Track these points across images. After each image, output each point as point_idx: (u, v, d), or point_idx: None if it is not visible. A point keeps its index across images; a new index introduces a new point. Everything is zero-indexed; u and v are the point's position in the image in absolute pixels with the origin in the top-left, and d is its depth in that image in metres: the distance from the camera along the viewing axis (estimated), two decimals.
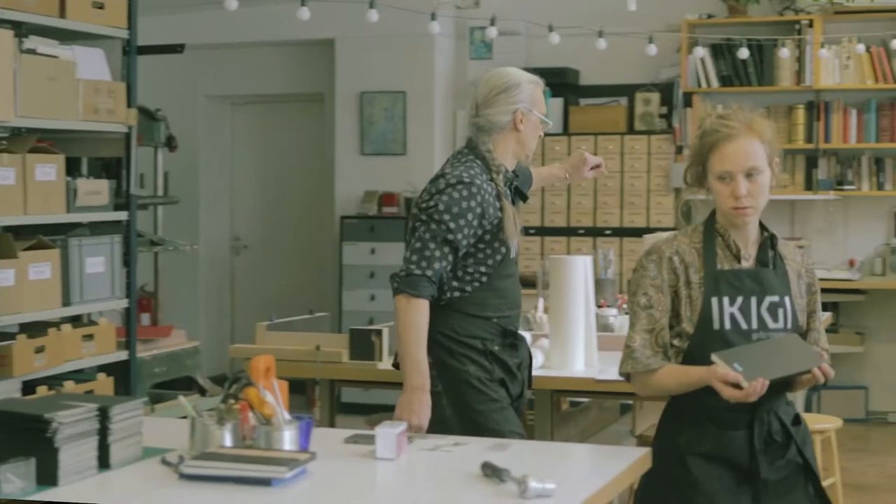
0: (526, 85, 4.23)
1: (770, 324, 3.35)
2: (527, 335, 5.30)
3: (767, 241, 3.42)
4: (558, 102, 9.55)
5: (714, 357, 3.20)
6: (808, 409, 8.58)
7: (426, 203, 4.05)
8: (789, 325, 3.36)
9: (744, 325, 3.34)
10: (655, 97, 9.42)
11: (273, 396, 3.20)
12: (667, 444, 3.39)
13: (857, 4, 8.90)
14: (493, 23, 7.59)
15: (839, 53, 8.99)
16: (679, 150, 9.24)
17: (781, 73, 9.11)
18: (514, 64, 9.89)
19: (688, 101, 9.28)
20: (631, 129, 9.44)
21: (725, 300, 3.34)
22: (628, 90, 9.52)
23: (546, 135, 9.87)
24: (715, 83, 9.22)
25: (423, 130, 9.88)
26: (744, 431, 3.33)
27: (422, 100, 9.88)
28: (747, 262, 3.40)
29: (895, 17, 8.86)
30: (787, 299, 3.37)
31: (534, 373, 4.73)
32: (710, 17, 9.27)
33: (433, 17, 7.34)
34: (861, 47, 8.89)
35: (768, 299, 3.35)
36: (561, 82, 9.55)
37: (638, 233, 8.50)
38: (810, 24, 9.01)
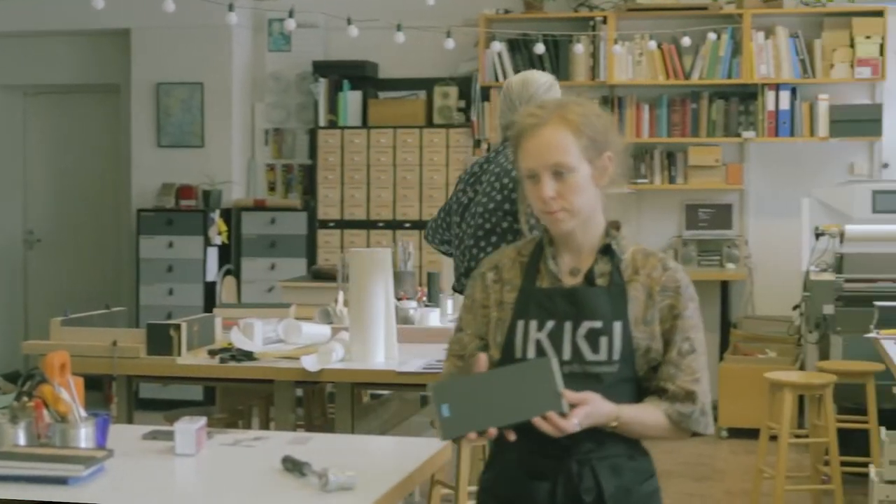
0: (556, 84, 4.78)
1: (588, 355, 2.76)
2: (327, 329, 5.32)
3: (601, 253, 2.84)
4: (357, 95, 9.56)
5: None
6: None
7: None
8: (616, 357, 2.76)
9: (551, 356, 2.72)
10: (454, 91, 9.51)
11: (68, 393, 3.15)
12: (482, 477, 2.94)
13: (649, 2, 9.12)
14: (291, 15, 7.55)
15: (632, 50, 9.19)
16: (477, 143, 9.34)
17: (576, 68, 9.27)
18: (313, 57, 9.95)
19: (486, 94, 9.39)
20: (430, 123, 9.50)
21: (533, 324, 2.79)
22: (427, 84, 9.59)
23: (344, 128, 9.87)
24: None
25: (221, 122, 9.79)
26: (548, 483, 2.77)
27: (220, 91, 9.79)
28: (575, 279, 2.83)
29: (686, 16, 9.10)
30: (616, 325, 2.76)
31: (334, 366, 4.75)
32: (507, 12, 9.39)
33: (231, 8, 7.27)
34: (653, 44, 9.10)
35: (586, 325, 2.77)
36: (360, 75, 9.57)
37: None
38: (604, 21, 9.19)
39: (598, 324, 2.76)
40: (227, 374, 5.03)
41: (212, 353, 5.09)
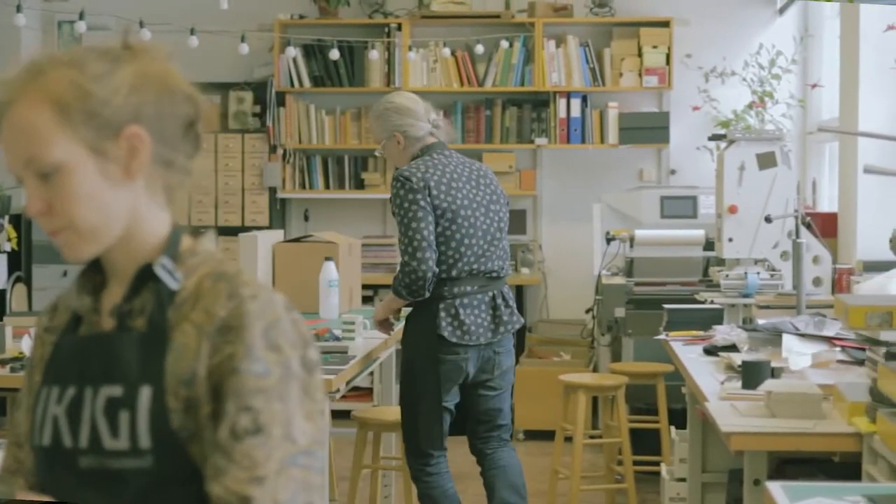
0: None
1: (106, 441, 1.76)
2: None
3: (139, 281, 1.82)
4: None
5: None
6: None
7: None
8: (143, 444, 1.74)
9: (67, 442, 1.80)
10: (249, 96, 9.44)
11: None
12: None
13: (443, 10, 9.19)
14: (81, 17, 7.41)
15: (426, 57, 9.26)
16: (273, 149, 9.29)
17: (372, 74, 9.30)
18: None
19: (281, 100, 9.35)
20: (225, 128, 9.42)
21: (54, 393, 1.85)
22: (222, 88, 9.50)
23: None
24: (307, 83, 9.32)
25: None
26: None
27: None
28: (112, 321, 1.85)
29: (479, 24, 9.22)
30: (144, 393, 1.75)
31: None
32: (301, 17, 9.37)
33: (19, 8, 7.10)
34: (447, 51, 9.18)
35: (104, 392, 1.78)
36: None
37: (234, 231, 8.47)
38: (399, 28, 9.24)
39: (117, 390, 1.76)
40: (19, 385, 4.89)
41: (2, 362, 4.96)
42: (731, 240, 6.26)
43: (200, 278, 1.81)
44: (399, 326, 5.48)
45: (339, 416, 7.20)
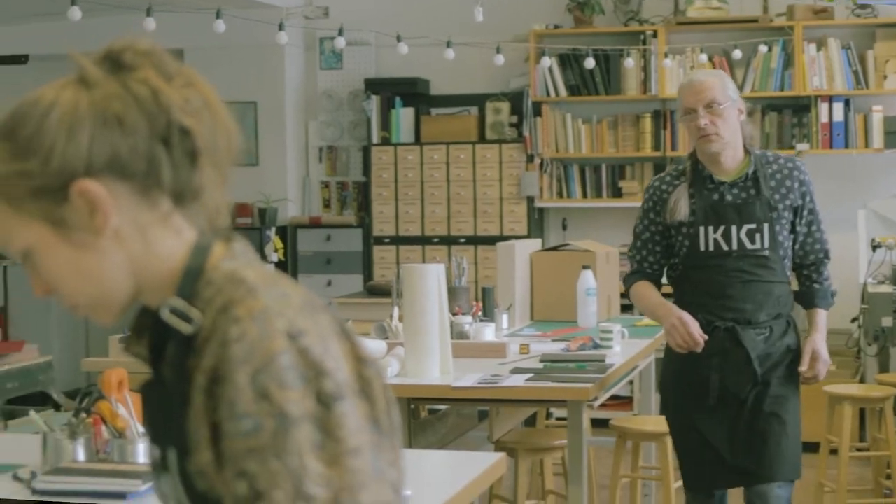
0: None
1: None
2: (382, 344, 5.33)
3: (157, 329, 1.60)
4: (410, 112, 9.59)
5: None
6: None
7: None
8: None
9: None
10: (506, 106, 9.51)
11: (126, 409, 3.18)
12: None
13: (699, 16, 9.09)
14: (340, 33, 7.59)
15: (683, 63, 9.17)
16: (530, 158, 9.34)
17: (628, 82, 9.26)
18: (364, 74, 10.00)
19: (537, 109, 9.39)
20: (482, 138, 9.52)
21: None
22: (479, 99, 9.60)
23: (397, 144, 9.87)
24: (563, 92, 9.33)
25: (276, 140, 9.85)
26: None
27: (273, 110, 9.85)
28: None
29: (736, 28, 9.07)
30: (171, 455, 1.56)
31: (389, 381, 4.75)
32: (556, 27, 9.39)
33: (281, 27, 7.32)
34: (703, 57, 9.07)
35: (154, 452, 1.66)
36: (411, 92, 9.60)
37: (492, 241, 8.57)
38: (654, 35, 9.18)
39: (156, 452, 1.62)
40: None
41: None
42: None
43: (214, 314, 1.51)
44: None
45: (598, 424, 7.20)
